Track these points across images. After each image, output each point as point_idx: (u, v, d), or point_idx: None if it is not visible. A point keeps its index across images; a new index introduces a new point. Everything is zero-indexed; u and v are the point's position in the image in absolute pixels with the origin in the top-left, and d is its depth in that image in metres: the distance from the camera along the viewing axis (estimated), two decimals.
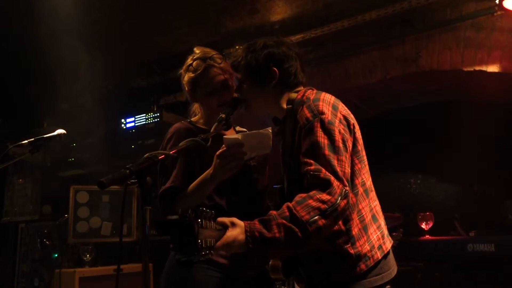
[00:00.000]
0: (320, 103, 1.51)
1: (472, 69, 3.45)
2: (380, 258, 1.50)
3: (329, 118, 1.47)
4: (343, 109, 1.56)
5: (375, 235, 1.52)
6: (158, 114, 4.28)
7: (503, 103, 3.87)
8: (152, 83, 4.70)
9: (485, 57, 3.39)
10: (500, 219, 3.89)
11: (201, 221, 1.20)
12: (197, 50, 1.91)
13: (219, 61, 1.86)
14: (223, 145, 1.59)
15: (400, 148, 4.46)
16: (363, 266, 1.46)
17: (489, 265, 2.79)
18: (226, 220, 1.34)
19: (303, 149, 1.46)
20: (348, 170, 1.44)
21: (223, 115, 1.68)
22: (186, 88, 1.92)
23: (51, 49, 3.77)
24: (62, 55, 3.81)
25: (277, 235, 1.31)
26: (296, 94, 1.63)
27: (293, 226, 1.31)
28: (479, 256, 2.74)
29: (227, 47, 3.99)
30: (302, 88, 1.69)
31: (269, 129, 1.62)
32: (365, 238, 1.49)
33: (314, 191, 1.35)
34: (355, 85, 3.91)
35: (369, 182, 1.59)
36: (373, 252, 1.49)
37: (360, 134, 1.59)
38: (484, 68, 3.41)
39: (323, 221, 1.32)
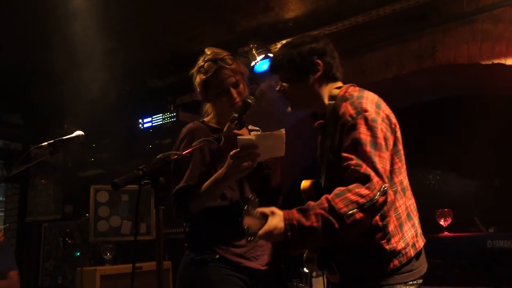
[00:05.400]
0: (364, 100, 1.54)
1: (490, 62, 3.38)
2: (412, 255, 1.54)
3: (373, 116, 1.50)
4: (385, 108, 1.59)
5: (409, 233, 1.56)
6: (174, 114, 4.32)
7: None
8: (169, 83, 4.74)
9: (504, 50, 3.32)
10: None
11: (247, 207, 1.28)
12: (208, 51, 1.92)
13: (229, 62, 1.86)
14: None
15: (418, 144, 4.40)
16: (396, 262, 1.51)
17: (509, 261, 2.74)
18: (266, 210, 1.40)
19: (345, 144, 1.49)
20: (388, 167, 1.48)
21: (236, 115, 1.70)
22: (198, 89, 1.94)
23: (70, 51, 3.85)
24: (81, 57, 3.89)
25: (315, 224, 1.35)
26: (338, 90, 1.66)
27: (331, 217, 1.35)
28: (498, 252, 2.69)
29: (242, 46, 4.00)
30: (341, 84, 1.71)
31: (283, 130, 1.62)
32: (400, 235, 1.53)
33: (353, 185, 1.39)
34: (371, 81, 3.87)
35: (406, 181, 1.63)
36: (407, 250, 1.53)
37: (400, 133, 1.62)
38: (502, 61, 3.33)
39: (361, 214, 1.35)
